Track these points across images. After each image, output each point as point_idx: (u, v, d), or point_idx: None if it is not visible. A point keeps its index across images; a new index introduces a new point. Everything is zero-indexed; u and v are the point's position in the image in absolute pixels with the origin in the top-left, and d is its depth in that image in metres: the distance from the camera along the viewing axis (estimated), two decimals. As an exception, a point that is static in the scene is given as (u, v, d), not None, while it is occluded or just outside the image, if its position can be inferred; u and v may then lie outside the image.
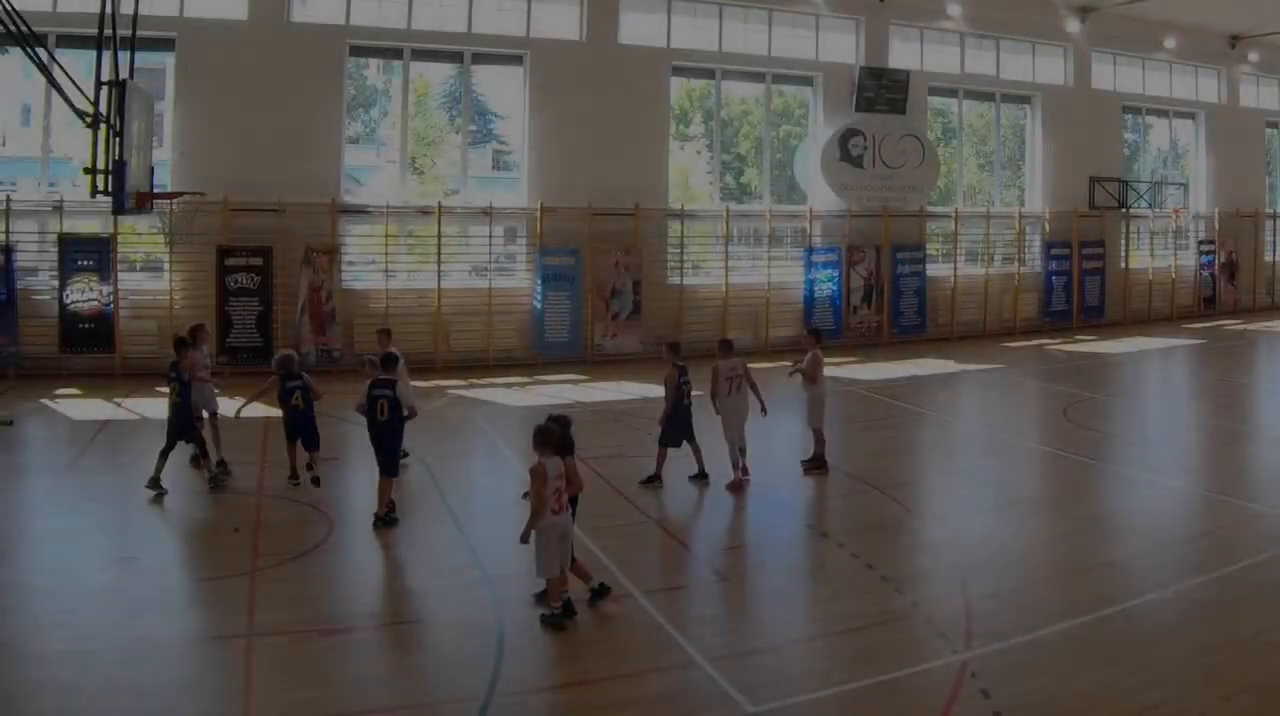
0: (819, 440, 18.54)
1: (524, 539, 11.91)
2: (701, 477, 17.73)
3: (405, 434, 16.28)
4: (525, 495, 12.96)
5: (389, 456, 15.64)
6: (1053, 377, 29.39)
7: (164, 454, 16.82)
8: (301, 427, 17.31)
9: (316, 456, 17.26)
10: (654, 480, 17.57)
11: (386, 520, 15.32)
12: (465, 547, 14.54)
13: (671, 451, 17.72)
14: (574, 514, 12.57)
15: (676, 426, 17.68)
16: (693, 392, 17.89)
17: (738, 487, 17.48)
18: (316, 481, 17.03)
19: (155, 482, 16.60)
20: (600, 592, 12.43)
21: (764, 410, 18.04)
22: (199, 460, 17.70)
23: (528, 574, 12.11)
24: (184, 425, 17.12)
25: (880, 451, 20.69)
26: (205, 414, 18.17)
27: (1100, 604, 12.34)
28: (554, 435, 12.20)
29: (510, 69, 32.00)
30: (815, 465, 18.47)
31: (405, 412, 15.86)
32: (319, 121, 29.24)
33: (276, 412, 17.75)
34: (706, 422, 18.02)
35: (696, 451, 17.83)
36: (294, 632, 11.56)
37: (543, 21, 31.72)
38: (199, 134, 28.01)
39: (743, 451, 17.76)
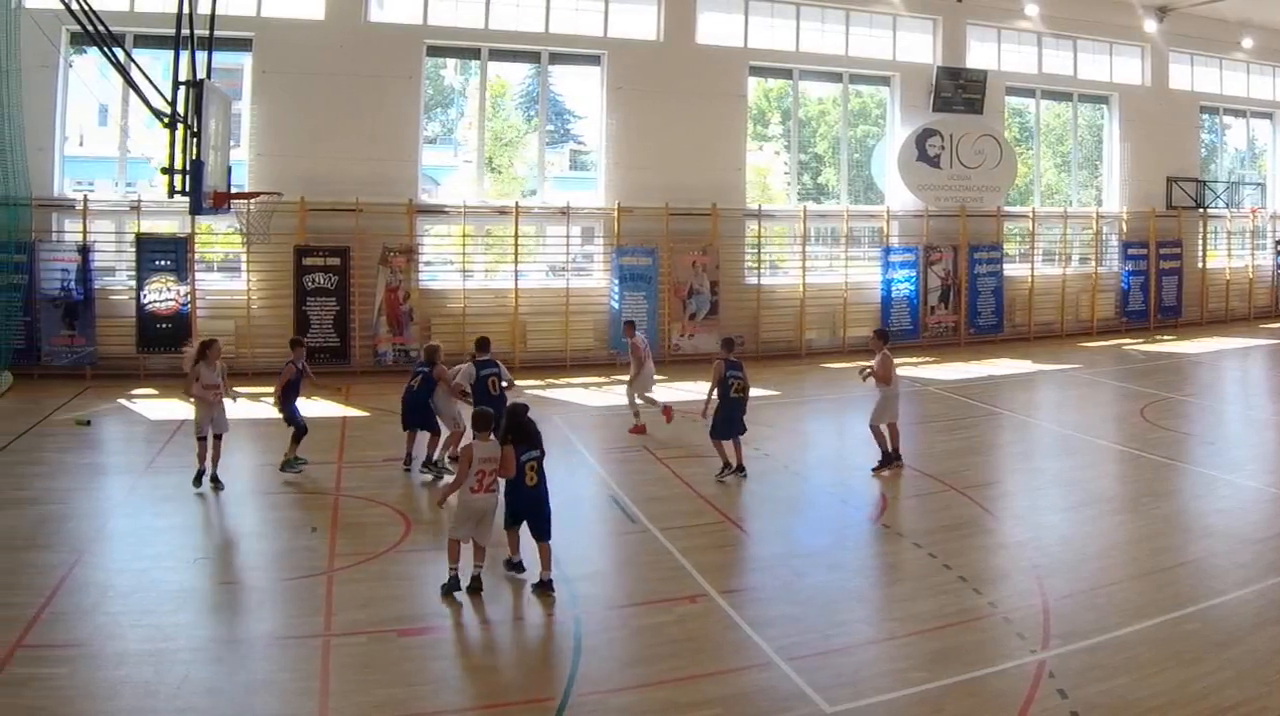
0: (892, 436, 17.81)
1: (440, 503, 13.49)
2: (738, 471, 17.26)
3: None
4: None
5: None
6: (1130, 378, 27.85)
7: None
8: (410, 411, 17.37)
9: (434, 441, 17.34)
10: (726, 470, 17.21)
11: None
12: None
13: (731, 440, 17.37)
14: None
15: (724, 419, 17.22)
16: (745, 388, 17.56)
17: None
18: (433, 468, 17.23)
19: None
20: (516, 567, 12.63)
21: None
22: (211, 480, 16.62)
23: (605, 574, 12.18)
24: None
25: (957, 451, 19.74)
26: (210, 434, 16.29)
27: (1178, 603, 11.88)
28: (488, 418, 12.35)
29: (588, 69, 30.44)
30: (885, 464, 17.75)
31: (506, 385, 16.88)
32: (396, 121, 27.95)
33: (352, 412, 18.62)
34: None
35: (737, 447, 17.35)
36: (371, 632, 11.13)
37: (620, 21, 30.23)
38: (276, 134, 26.90)
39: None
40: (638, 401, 20.78)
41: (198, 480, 16.09)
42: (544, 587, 12.11)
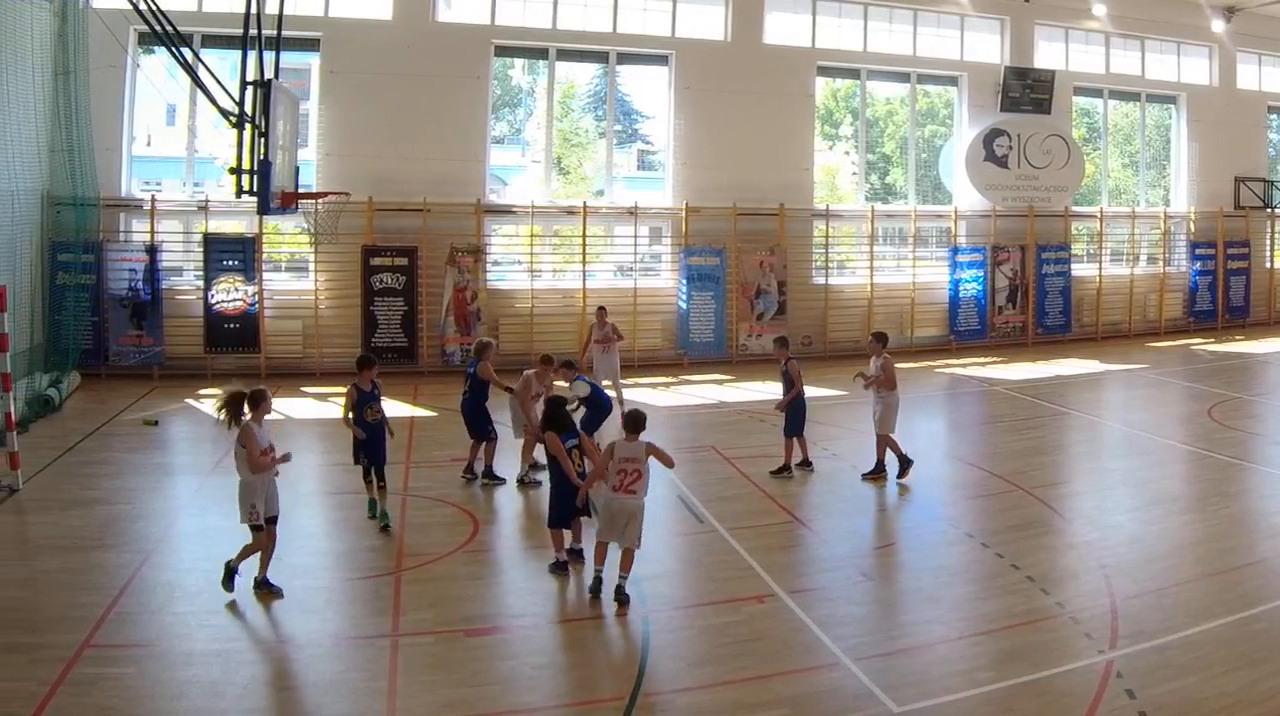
0: (891, 446, 16.65)
1: (580, 503, 12.17)
2: (788, 471, 16.77)
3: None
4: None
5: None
6: (1197, 377, 26.50)
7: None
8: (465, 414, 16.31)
9: (484, 448, 16.32)
10: (785, 471, 16.76)
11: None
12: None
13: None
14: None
15: (802, 415, 16.85)
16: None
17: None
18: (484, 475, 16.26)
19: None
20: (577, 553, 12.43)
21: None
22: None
23: (673, 574, 11.85)
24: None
25: (1025, 451, 18.85)
26: (261, 518, 11.52)
27: (1246, 603, 11.38)
28: (639, 419, 11.83)
29: (655, 69, 28.83)
30: (875, 474, 16.65)
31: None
32: (464, 121, 26.59)
33: (420, 412, 18.04)
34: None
35: (802, 443, 16.98)
36: (438, 633, 10.76)
37: (688, 21, 28.63)
38: (344, 134, 25.67)
39: None
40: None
41: (229, 580, 11.53)
42: (575, 556, 12.33)
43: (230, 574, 11.40)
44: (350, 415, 13.86)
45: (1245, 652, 10.14)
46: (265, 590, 11.45)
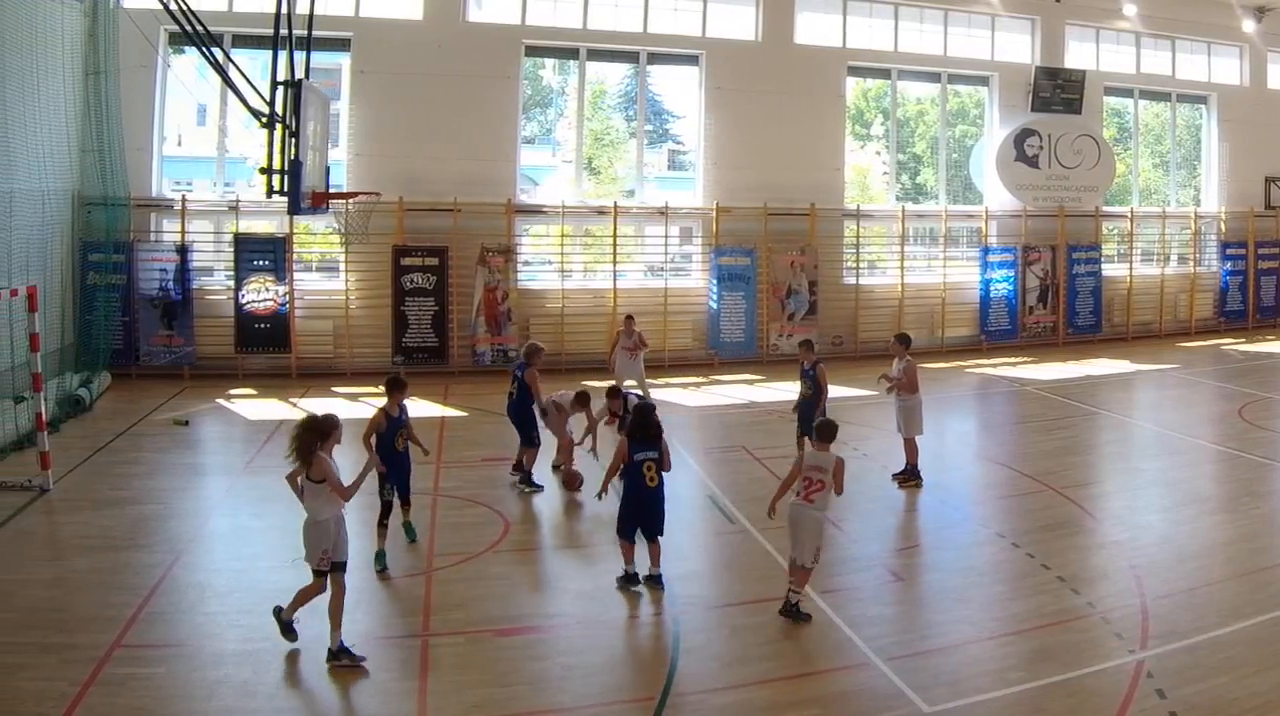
0: (913, 450, 16.17)
1: (770, 513, 11.43)
2: None
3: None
4: None
5: None
6: (1228, 377, 25.91)
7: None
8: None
9: (529, 454, 15.77)
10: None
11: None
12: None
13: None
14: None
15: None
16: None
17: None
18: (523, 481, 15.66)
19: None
20: (632, 579, 11.63)
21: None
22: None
23: (704, 574, 11.53)
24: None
25: (1056, 451, 18.47)
26: (327, 561, 9.93)
27: (1277, 604, 11.14)
28: (833, 429, 11.47)
29: (686, 69, 28.10)
30: (909, 477, 16.09)
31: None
32: (494, 121, 25.93)
33: (450, 412, 17.95)
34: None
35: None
36: (469, 633, 10.61)
37: (718, 21, 27.89)
38: (374, 134, 25.11)
39: None
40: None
41: (289, 630, 10.12)
42: (654, 582, 11.51)
43: (286, 626, 9.98)
44: (373, 440, 12.34)
45: (1276, 652, 10.01)
46: (288, 632, 10.02)
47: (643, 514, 11.48)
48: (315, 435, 9.86)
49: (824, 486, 10.95)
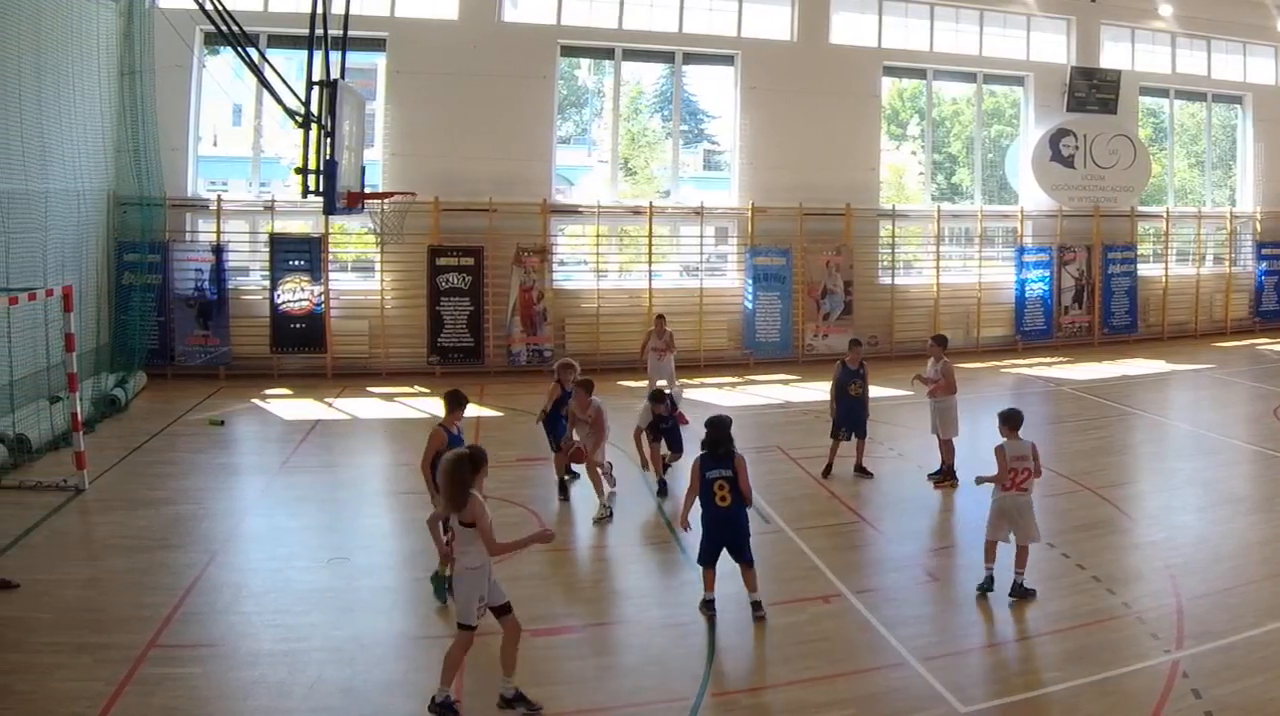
0: (950, 451, 15.83)
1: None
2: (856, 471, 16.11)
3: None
4: None
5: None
6: (1264, 377, 25.23)
7: None
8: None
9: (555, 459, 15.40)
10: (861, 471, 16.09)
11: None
12: (675, 548, 13.02)
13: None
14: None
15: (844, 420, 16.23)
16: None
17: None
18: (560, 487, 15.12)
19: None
20: (709, 605, 10.82)
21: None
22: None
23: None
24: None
25: (1091, 451, 18.10)
26: (483, 609, 8.82)
27: None
28: (1018, 418, 11.62)
29: (721, 69, 27.41)
30: (945, 477, 15.72)
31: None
32: (530, 121, 25.30)
33: (486, 412, 17.77)
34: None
35: (833, 449, 16.25)
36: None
37: (754, 21, 27.17)
38: (410, 134, 24.50)
39: None
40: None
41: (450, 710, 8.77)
42: (755, 609, 10.69)
43: (445, 706, 8.60)
44: (431, 462, 10.85)
45: (1314, 653, 9.71)
46: (512, 705, 8.79)
47: (722, 536, 10.64)
48: (470, 471, 8.58)
49: (1029, 473, 11.13)
